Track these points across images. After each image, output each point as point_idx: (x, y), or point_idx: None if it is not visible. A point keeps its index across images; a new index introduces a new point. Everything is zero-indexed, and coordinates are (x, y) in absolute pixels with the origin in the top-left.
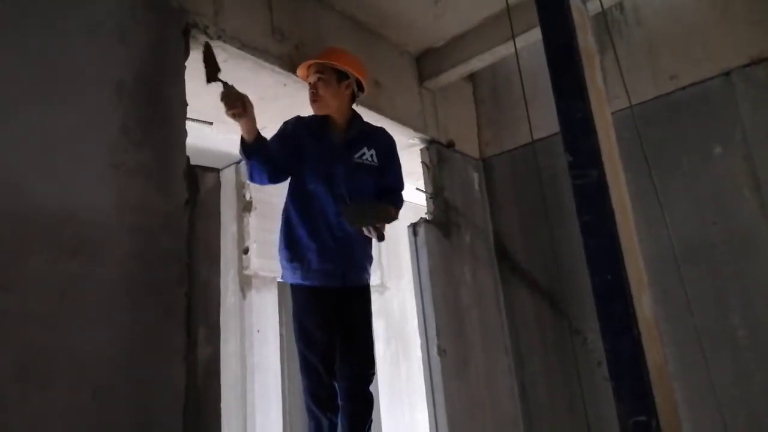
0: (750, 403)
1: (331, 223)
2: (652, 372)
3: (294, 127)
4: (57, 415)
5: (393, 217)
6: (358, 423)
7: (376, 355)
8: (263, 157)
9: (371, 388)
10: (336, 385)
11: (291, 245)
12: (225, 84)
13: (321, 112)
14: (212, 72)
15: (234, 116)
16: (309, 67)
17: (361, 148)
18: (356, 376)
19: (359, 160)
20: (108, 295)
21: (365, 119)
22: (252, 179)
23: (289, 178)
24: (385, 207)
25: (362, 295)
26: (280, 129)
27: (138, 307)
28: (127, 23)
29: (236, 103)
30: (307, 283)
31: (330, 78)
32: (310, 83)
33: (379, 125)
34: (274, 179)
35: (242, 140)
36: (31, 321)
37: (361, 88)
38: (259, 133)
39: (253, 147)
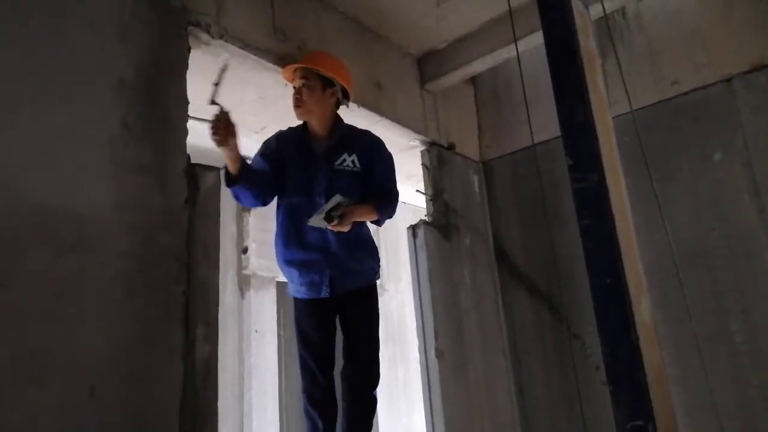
0: (747, 408)
1: (314, 234)
2: (649, 376)
3: (276, 142)
4: (54, 411)
5: (357, 216)
6: (355, 425)
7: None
8: (247, 183)
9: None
10: (333, 386)
11: (279, 258)
12: (221, 108)
13: (302, 118)
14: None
15: (216, 142)
16: (295, 70)
17: (342, 155)
18: (355, 378)
19: (339, 167)
20: (106, 293)
21: (365, 120)
22: (240, 203)
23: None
24: (349, 208)
25: (360, 298)
26: (262, 146)
27: (136, 305)
28: (129, 21)
29: (221, 131)
30: (297, 295)
31: (315, 84)
32: (294, 87)
33: (366, 129)
34: (262, 201)
35: (226, 170)
36: (29, 318)
37: (346, 95)
38: (242, 161)
39: (236, 176)
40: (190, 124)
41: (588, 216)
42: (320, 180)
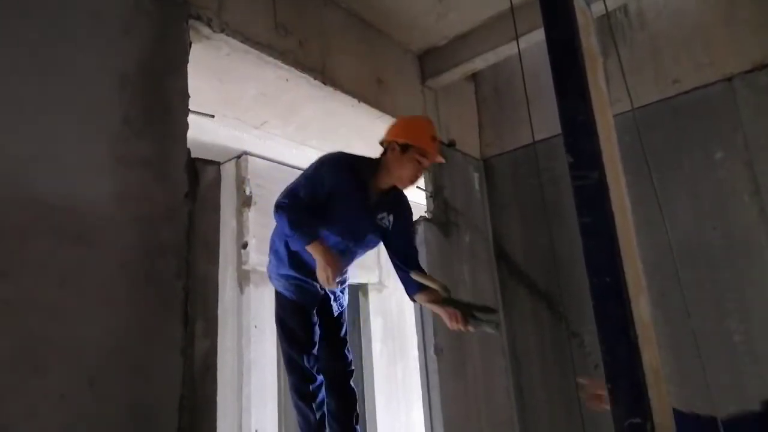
0: (745, 407)
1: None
2: (648, 375)
3: (333, 178)
4: (53, 402)
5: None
6: (343, 416)
7: (372, 354)
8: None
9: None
10: (319, 379)
11: (282, 262)
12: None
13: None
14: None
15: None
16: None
17: (384, 212)
18: (338, 372)
19: (378, 223)
20: (107, 286)
21: (366, 116)
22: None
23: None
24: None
25: (341, 296)
26: (315, 174)
27: (136, 298)
28: (131, 15)
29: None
30: (289, 296)
31: None
32: (421, 163)
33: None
34: None
35: (302, 234)
36: (30, 308)
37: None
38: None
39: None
40: (191, 119)
41: (588, 214)
42: (360, 228)
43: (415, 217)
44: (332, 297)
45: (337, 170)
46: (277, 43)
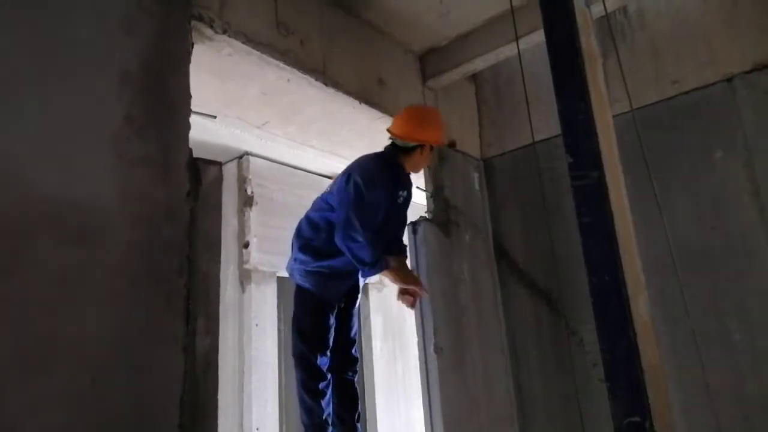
0: (744, 405)
1: (352, 264)
2: (647, 373)
3: (386, 192)
4: (56, 400)
5: None
6: (346, 414)
7: (372, 352)
8: None
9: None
10: (328, 378)
11: (318, 255)
12: None
13: None
14: None
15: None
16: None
17: (403, 190)
18: (345, 372)
19: (398, 202)
20: (108, 284)
21: (368, 116)
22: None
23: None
24: None
25: (356, 298)
26: (376, 195)
27: (138, 296)
28: (134, 14)
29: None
30: (312, 290)
31: None
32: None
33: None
34: None
35: (380, 267)
36: (32, 307)
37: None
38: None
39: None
40: (193, 119)
41: (587, 213)
42: (393, 217)
43: (414, 217)
44: (360, 287)
45: (386, 184)
46: (278, 43)
